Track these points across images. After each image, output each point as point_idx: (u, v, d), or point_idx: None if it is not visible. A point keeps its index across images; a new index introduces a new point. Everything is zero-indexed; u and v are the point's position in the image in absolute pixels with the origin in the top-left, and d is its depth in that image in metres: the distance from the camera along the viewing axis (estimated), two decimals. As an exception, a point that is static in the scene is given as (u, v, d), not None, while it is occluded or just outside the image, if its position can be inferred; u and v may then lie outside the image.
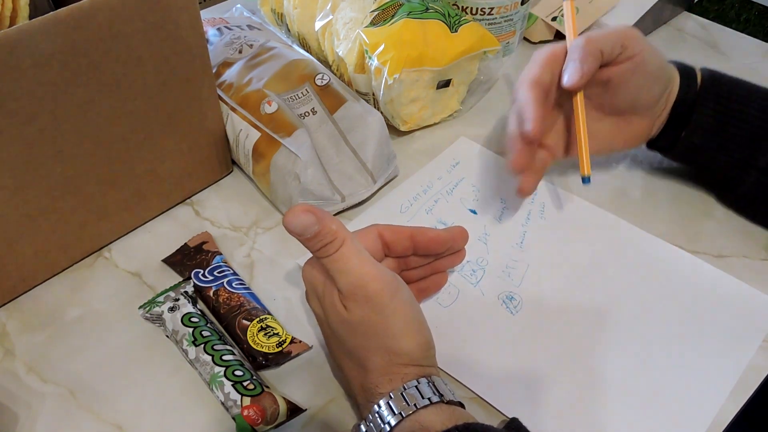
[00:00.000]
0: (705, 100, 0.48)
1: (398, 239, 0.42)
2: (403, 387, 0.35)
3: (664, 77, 0.48)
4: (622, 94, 0.48)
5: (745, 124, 0.48)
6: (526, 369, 0.43)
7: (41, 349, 0.45)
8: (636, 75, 0.47)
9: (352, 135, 0.53)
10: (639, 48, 0.46)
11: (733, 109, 0.48)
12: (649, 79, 0.47)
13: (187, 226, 0.54)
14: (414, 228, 0.43)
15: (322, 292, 0.38)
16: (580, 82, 0.46)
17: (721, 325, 0.45)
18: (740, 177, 0.49)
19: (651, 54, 0.47)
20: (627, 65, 0.47)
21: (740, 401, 0.41)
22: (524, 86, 0.47)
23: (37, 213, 0.45)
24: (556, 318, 0.46)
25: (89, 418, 0.42)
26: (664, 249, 0.51)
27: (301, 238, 0.36)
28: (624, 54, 0.46)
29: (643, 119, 0.50)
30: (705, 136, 0.49)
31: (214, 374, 0.41)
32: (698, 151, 0.50)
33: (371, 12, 0.59)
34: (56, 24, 0.39)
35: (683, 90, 0.49)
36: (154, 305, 0.45)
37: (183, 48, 0.47)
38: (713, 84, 0.49)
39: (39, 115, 0.42)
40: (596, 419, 0.41)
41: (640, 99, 0.48)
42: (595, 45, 0.45)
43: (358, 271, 0.36)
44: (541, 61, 0.48)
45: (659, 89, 0.48)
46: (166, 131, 0.50)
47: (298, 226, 0.35)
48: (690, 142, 0.50)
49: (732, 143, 0.48)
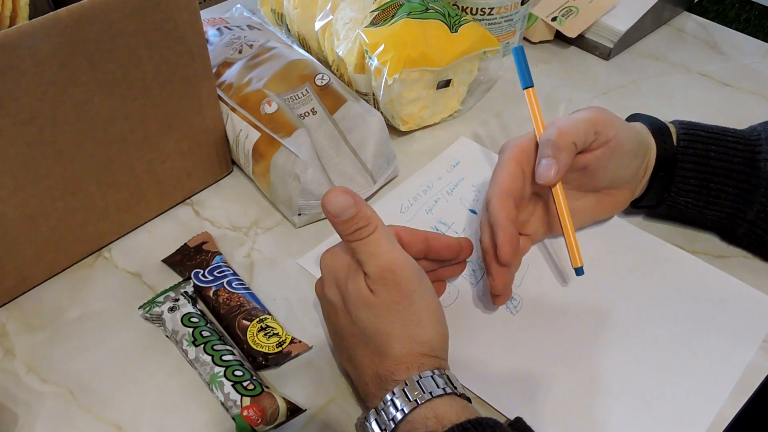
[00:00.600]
0: (684, 162, 0.47)
1: (414, 241, 0.42)
2: (419, 375, 0.35)
3: (642, 151, 0.47)
4: (601, 176, 0.47)
5: (729, 180, 0.46)
6: (526, 369, 0.43)
7: (41, 349, 0.45)
8: (613, 158, 0.45)
9: (352, 135, 0.53)
10: (612, 132, 0.44)
11: (714, 167, 0.46)
12: (626, 158, 0.46)
13: (187, 226, 0.54)
14: (429, 232, 0.43)
15: (345, 277, 0.38)
16: (555, 179, 0.43)
17: (721, 325, 0.45)
18: (731, 228, 0.49)
19: (625, 134, 0.45)
20: (602, 150, 0.45)
21: (740, 401, 0.41)
22: (494, 200, 0.44)
23: (37, 213, 0.45)
24: (556, 318, 0.46)
25: (89, 418, 0.42)
26: (664, 249, 0.51)
27: (336, 220, 0.36)
28: (598, 140, 0.44)
29: (624, 191, 0.49)
30: (689, 195, 0.48)
31: (214, 374, 0.41)
32: (685, 210, 0.49)
33: (371, 12, 0.59)
34: (56, 24, 0.39)
35: (660, 153, 0.47)
36: (154, 305, 0.45)
37: (183, 48, 0.47)
38: (690, 142, 0.47)
39: (39, 115, 0.42)
40: (596, 419, 0.41)
41: (619, 177, 0.47)
42: (567, 138, 0.43)
43: (390, 255, 0.37)
44: (509, 162, 0.45)
45: (638, 163, 0.47)
46: (166, 131, 0.50)
47: (336, 206, 0.36)
48: (674, 202, 0.49)
49: (718, 199, 0.47)
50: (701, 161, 0.47)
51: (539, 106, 0.47)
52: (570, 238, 0.45)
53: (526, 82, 0.48)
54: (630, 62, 0.71)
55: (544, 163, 0.43)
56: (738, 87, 0.67)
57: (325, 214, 0.37)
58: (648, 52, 0.73)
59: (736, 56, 0.72)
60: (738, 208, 0.47)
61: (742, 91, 0.67)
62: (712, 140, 0.47)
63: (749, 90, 0.67)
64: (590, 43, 0.72)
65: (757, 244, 0.49)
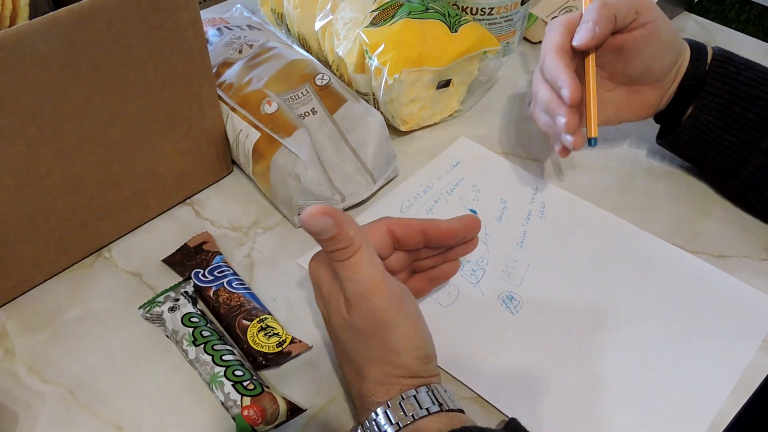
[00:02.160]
0: (713, 80, 0.49)
1: (409, 233, 0.41)
2: (402, 396, 0.35)
3: (676, 48, 0.49)
4: (634, 62, 0.49)
5: (752, 106, 0.48)
6: (526, 369, 0.43)
7: (41, 349, 0.45)
8: (648, 43, 0.48)
9: (352, 135, 0.53)
10: (652, 16, 0.47)
11: (741, 90, 0.48)
12: (661, 47, 0.48)
13: (187, 226, 0.54)
14: (425, 222, 0.42)
15: (328, 293, 0.38)
16: (591, 43, 0.47)
17: (721, 325, 0.45)
18: (744, 158, 0.50)
19: (664, 23, 0.48)
20: (640, 32, 0.47)
21: (740, 401, 0.41)
22: (551, 54, 0.48)
23: (37, 213, 0.45)
24: (556, 318, 0.46)
25: (89, 418, 0.42)
26: (664, 249, 0.51)
27: (316, 238, 0.35)
28: (637, 21, 0.47)
29: (653, 90, 0.51)
30: (711, 114, 0.49)
31: (214, 374, 0.41)
32: (704, 130, 0.50)
33: (371, 12, 0.59)
34: (56, 24, 0.39)
35: (693, 65, 0.50)
36: (154, 305, 0.45)
37: (183, 48, 0.47)
38: (722, 63, 0.49)
39: (39, 115, 0.42)
40: (596, 419, 0.41)
41: (651, 68, 0.49)
42: (609, 9, 0.46)
43: (366, 283, 0.35)
44: (560, 28, 0.49)
45: (670, 60, 0.49)
46: (166, 131, 0.50)
47: (315, 227, 0.35)
48: (696, 119, 0.50)
49: (738, 123, 0.49)
50: (729, 83, 0.49)
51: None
52: (591, 105, 0.49)
53: None
54: (630, 62, 0.71)
55: (584, 27, 0.47)
56: (738, 87, 0.67)
57: (305, 231, 0.35)
58: (648, 52, 0.73)
59: (736, 56, 0.72)
60: (755, 136, 0.48)
61: (742, 91, 0.67)
62: (744, 67, 0.49)
63: (749, 90, 0.67)
64: (590, 43, 0.72)
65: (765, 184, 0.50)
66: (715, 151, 0.51)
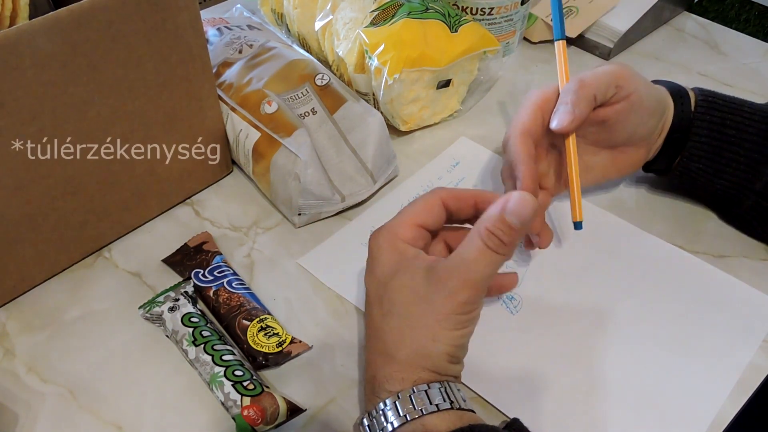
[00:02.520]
0: (699, 127, 0.48)
1: (462, 207, 0.41)
2: (413, 390, 0.35)
3: (660, 109, 0.48)
4: (619, 132, 0.47)
5: (741, 149, 0.47)
6: (526, 369, 0.43)
7: (41, 349, 0.45)
8: (632, 114, 0.46)
9: (352, 135, 0.53)
10: (633, 87, 0.45)
11: (729, 135, 0.47)
12: (645, 114, 0.47)
13: (187, 226, 0.54)
14: (476, 193, 0.41)
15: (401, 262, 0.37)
16: (570, 127, 0.44)
17: (721, 325, 0.45)
18: (738, 199, 0.49)
19: (646, 91, 0.46)
20: (622, 105, 0.46)
21: (740, 401, 0.41)
22: (514, 138, 0.46)
23: (37, 213, 0.45)
24: (556, 318, 0.46)
25: (89, 418, 0.42)
26: (664, 249, 0.51)
27: (521, 228, 0.35)
28: (618, 94, 0.45)
29: (638, 149, 0.49)
30: (701, 161, 0.48)
31: (214, 374, 0.41)
32: (695, 176, 0.49)
33: (371, 12, 0.59)
34: (56, 24, 0.39)
35: (677, 116, 0.48)
36: (154, 305, 0.45)
37: (183, 48, 0.47)
38: (707, 109, 0.48)
39: (39, 115, 0.42)
40: (596, 419, 0.41)
41: (636, 133, 0.48)
42: (587, 90, 0.44)
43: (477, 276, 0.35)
44: (531, 106, 0.47)
45: (655, 122, 0.48)
46: (166, 131, 0.50)
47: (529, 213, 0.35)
48: (686, 167, 0.49)
49: (728, 168, 0.48)
50: (716, 128, 0.47)
51: (567, 59, 0.48)
52: (574, 190, 0.47)
53: (559, 33, 0.48)
54: (630, 62, 0.71)
55: (562, 110, 0.45)
56: (738, 87, 0.67)
57: (507, 218, 0.35)
58: (648, 52, 0.73)
59: (736, 56, 0.72)
60: (747, 179, 0.48)
61: (742, 91, 0.67)
62: (729, 109, 0.48)
63: (749, 90, 0.67)
64: (590, 42, 0.72)
65: (761, 220, 0.49)
66: (708, 195, 0.51)
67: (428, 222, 0.40)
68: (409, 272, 0.37)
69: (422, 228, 0.40)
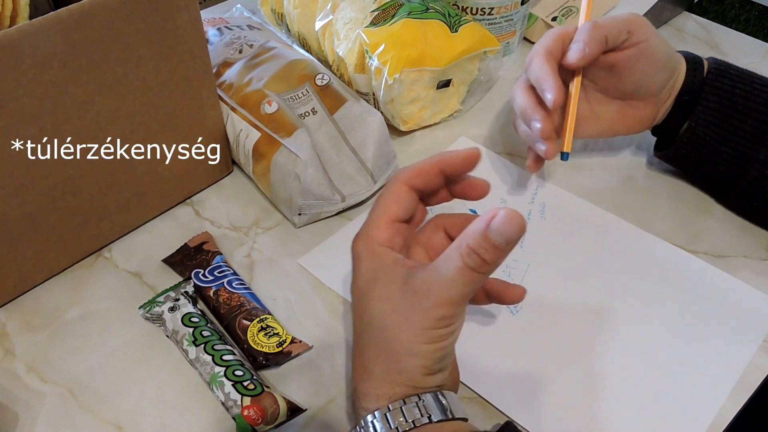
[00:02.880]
0: (709, 93, 0.49)
1: (430, 181, 0.38)
2: (388, 407, 0.33)
3: (670, 65, 0.49)
4: (627, 79, 0.49)
5: (749, 118, 0.48)
6: (526, 369, 0.43)
7: (41, 349, 0.45)
8: (640, 61, 0.48)
9: (352, 135, 0.53)
10: (645, 35, 0.48)
11: (737, 103, 0.48)
12: (653, 66, 0.48)
13: (187, 226, 0.54)
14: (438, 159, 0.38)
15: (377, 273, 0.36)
16: (579, 63, 0.47)
17: (721, 325, 0.45)
18: (742, 170, 0.49)
19: (657, 42, 0.48)
20: (632, 51, 0.48)
21: (740, 401, 0.41)
22: (538, 57, 0.49)
23: (37, 213, 0.45)
24: (556, 318, 0.46)
25: (89, 418, 0.42)
26: (664, 249, 0.51)
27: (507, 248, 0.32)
28: (629, 40, 0.47)
29: (647, 105, 0.51)
30: (708, 127, 0.49)
31: (215, 374, 0.41)
32: (701, 143, 0.50)
33: (371, 12, 0.59)
34: (56, 24, 0.39)
35: (689, 79, 0.50)
36: (154, 305, 0.45)
37: (183, 48, 0.47)
38: (718, 77, 0.49)
39: (39, 115, 0.42)
40: (596, 419, 0.41)
41: (644, 85, 0.50)
42: (600, 31, 0.47)
43: (456, 295, 0.33)
44: (552, 36, 0.50)
45: (664, 77, 0.49)
46: (166, 131, 0.50)
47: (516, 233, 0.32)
48: (693, 132, 0.50)
49: (735, 136, 0.49)
50: (726, 96, 0.49)
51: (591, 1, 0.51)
52: (569, 122, 0.50)
53: None
54: (630, 62, 0.71)
55: (574, 47, 0.48)
56: (738, 87, 0.67)
57: (490, 237, 0.32)
58: (648, 52, 0.73)
59: (736, 56, 0.72)
60: (753, 147, 0.48)
61: (742, 91, 0.67)
62: (740, 79, 0.49)
63: (749, 90, 0.67)
64: (590, 43, 0.72)
65: (763, 192, 0.50)
66: (713, 164, 0.51)
67: (400, 213, 0.38)
68: (386, 282, 0.35)
69: (396, 222, 0.38)
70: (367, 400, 0.35)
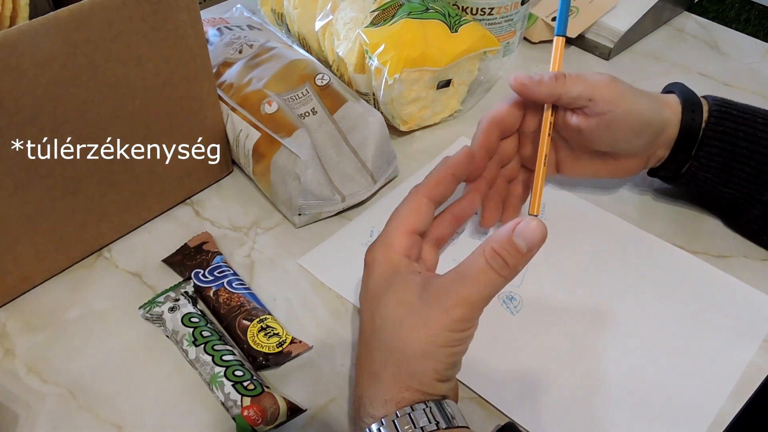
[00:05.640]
0: (711, 138, 0.46)
1: (447, 189, 0.41)
2: (396, 414, 0.33)
3: (649, 130, 0.46)
4: (596, 144, 0.46)
5: (752, 161, 0.46)
6: (526, 369, 0.43)
7: (41, 349, 0.45)
8: (607, 131, 0.45)
9: (352, 135, 0.53)
10: (607, 107, 0.43)
11: (741, 146, 0.46)
12: (624, 134, 0.45)
13: (187, 226, 0.54)
14: (449, 166, 0.41)
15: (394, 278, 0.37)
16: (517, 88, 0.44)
17: (721, 325, 0.45)
18: (745, 209, 0.49)
19: (625, 113, 0.44)
20: (595, 120, 0.44)
21: (740, 401, 0.41)
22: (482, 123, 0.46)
23: (37, 213, 0.45)
24: (557, 318, 0.46)
25: (89, 418, 0.42)
26: (664, 249, 0.51)
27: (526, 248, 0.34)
28: (591, 108, 0.44)
29: (631, 160, 0.48)
30: (710, 171, 0.47)
31: (215, 374, 0.41)
32: (702, 184, 0.49)
33: (371, 12, 0.59)
34: (56, 24, 0.39)
35: (686, 127, 0.47)
36: (154, 305, 0.45)
37: (183, 48, 0.47)
38: (720, 120, 0.46)
39: (39, 115, 0.42)
40: (596, 419, 0.41)
41: (620, 149, 0.47)
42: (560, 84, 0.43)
43: (478, 296, 0.34)
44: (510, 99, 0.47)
45: (643, 141, 0.46)
46: (166, 131, 0.50)
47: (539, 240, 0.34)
48: (693, 176, 0.48)
49: (737, 178, 0.47)
50: (729, 139, 0.46)
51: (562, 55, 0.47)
52: (538, 180, 0.44)
53: (561, 30, 0.47)
54: (630, 62, 0.71)
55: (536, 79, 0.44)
56: (738, 87, 0.67)
57: (515, 240, 0.34)
58: (648, 52, 0.73)
59: (736, 56, 0.72)
60: (755, 189, 0.47)
61: (742, 91, 0.67)
62: (743, 120, 0.47)
63: (750, 90, 0.67)
64: (590, 43, 0.72)
65: (766, 230, 0.49)
66: (714, 202, 0.51)
67: (419, 225, 0.39)
68: (404, 287, 0.36)
69: (414, 233, 0.39)
70: (373, 407, 0.34)
